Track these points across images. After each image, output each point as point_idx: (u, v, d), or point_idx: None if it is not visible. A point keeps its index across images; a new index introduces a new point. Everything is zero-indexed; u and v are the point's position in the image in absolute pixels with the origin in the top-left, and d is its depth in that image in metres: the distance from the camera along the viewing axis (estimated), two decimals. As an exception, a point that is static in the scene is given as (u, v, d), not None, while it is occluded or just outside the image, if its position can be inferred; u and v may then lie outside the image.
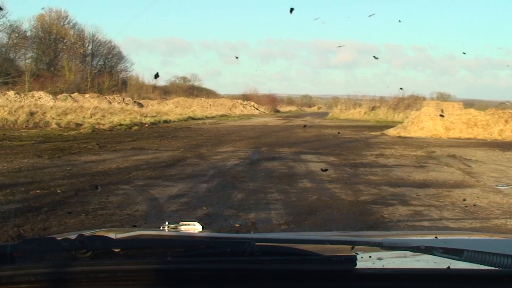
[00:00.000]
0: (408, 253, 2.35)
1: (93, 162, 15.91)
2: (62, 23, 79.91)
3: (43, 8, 75.37)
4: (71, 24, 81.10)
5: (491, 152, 22.37)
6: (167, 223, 2.69)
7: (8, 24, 69.81)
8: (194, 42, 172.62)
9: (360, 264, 2.00)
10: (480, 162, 18.29)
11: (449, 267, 2.02)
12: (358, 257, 2.09)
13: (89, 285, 1.90)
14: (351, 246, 2.31)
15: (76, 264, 1.94)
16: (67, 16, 79.42)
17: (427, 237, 3.21)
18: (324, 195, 11.43)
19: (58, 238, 2.07)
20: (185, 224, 2.67)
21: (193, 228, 2.64)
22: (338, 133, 30.38)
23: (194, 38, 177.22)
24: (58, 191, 10.94)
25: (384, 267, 2.14)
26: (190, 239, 2.41)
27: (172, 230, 2.63)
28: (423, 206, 10.34)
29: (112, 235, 2.38)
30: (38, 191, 10.76)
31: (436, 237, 2.86)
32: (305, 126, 36.53)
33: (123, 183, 12.24)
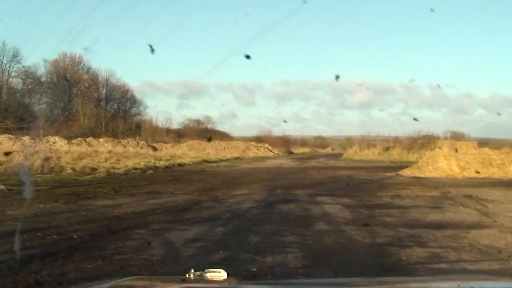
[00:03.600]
0: None
1: (109, 206, 15.94)
2: (76, 68, 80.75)
3: (58, 55, 75.89)
4: (85, 69, 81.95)
5: (507, 191, 22.21)
6: (192, 270, 2.70)
7: (23, 69, 70.69)
8: (210, 85, 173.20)
9: None
10: (497, 202, 18.17)
11: None
12: None
13: None
14: None
15: None
16: (81, 61, 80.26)
17: (450, 283, 3.20)
18: (340, 237, 11.39)
19: None
20: (211, 271, 2.68)
21: (219, 275, 2.65)
22: (348, 184, 30.26)
23: (210, 81, 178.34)
24: (75, 236, 10.96)
25: None
26: None
27: (198, 277, 2.65)
28: (441, 248, 10.27)
29: (139, 284, 2.40)
30: (55, 236, 10.78)
31: (459, 285, 2.86)
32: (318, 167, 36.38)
33: (139, 227, 12.24)
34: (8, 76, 69.55)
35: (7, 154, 30.23)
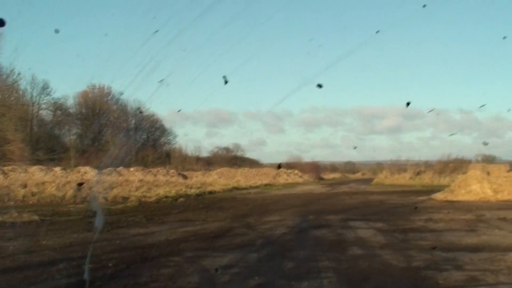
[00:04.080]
0: None
1: (142, 235, 15.99)
2: (105, 99, 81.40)
3: (88, 86, 76.65)
4: (114, 99, 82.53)
5: (543, 213, 21.91)
6: None
7: (53, 101, 71.53)
8: (238, 113, 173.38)
9: None
10: (533, 224, 17.94)
11: None
12: None
13: None
14: None
15: None
16: (110, 92, 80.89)
17: None
18: (375, 261, 11.30)
19: None
20: None
21: None
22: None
23: (238, 109, 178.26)
24: (110, 264, 11.00)
25: None
26: None
27: None
28: (478, 271, 10.14)
29: None
30: (90, 265, 10.81)
31: None
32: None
33: (173, 255, 12.26)
34: (38, 108, 70.41)
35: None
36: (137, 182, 41.16)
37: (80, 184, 30.87)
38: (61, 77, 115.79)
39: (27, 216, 19.69)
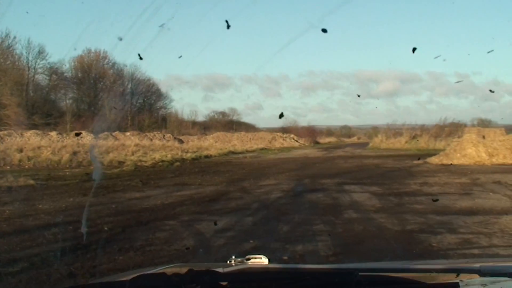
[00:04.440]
0: (509, 279, 2.35)
1: (138, 199, 16.03)
2: (101, 64, 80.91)
3: (75, 49, 76.20)
4: (110, 64, 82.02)
5: (537, 177, 21.98)
6: (233, 257, 2.71)
7: (49, 66, 71.12)
8: (235, 77, 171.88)
9: None
10: (527, 188, 18.01)
11: None
12: (461, 284, 2.10)
13: None
14: (455, 274, 2.31)
15: None
16: (106, 56, 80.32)
17: (472, 265, 3.19)
18: (370, 225, 11.36)
19: (168, 273, 2.13)
20: (252, 258, 2.69)
21: (260, 261, 2.66)
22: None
23: (235, 73, 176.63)
24: (105, 228, 11.03)
25: None
26: (295, 271, 2.44)
27: (239, 263, 2.66)
28: (472, 234, 10.21)
29: (219, 269, 2.43)
30: (85, 229, 10.84)
31: (480, 266, 2.84)
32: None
33: (169, 218, 12.30)
34: (34, 73, 70.04)
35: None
36: (133, 147, 41.06)
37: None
38: (57, 40, 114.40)
39: (23, 181, 19.71)
